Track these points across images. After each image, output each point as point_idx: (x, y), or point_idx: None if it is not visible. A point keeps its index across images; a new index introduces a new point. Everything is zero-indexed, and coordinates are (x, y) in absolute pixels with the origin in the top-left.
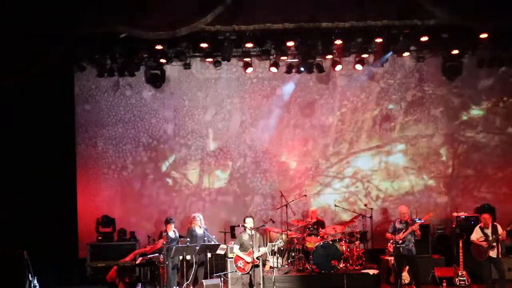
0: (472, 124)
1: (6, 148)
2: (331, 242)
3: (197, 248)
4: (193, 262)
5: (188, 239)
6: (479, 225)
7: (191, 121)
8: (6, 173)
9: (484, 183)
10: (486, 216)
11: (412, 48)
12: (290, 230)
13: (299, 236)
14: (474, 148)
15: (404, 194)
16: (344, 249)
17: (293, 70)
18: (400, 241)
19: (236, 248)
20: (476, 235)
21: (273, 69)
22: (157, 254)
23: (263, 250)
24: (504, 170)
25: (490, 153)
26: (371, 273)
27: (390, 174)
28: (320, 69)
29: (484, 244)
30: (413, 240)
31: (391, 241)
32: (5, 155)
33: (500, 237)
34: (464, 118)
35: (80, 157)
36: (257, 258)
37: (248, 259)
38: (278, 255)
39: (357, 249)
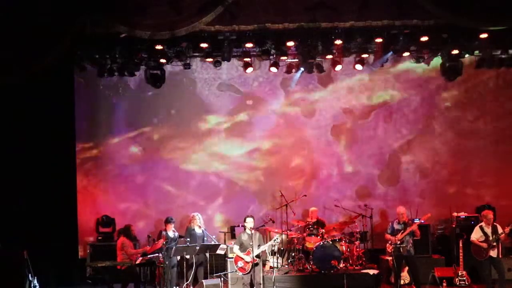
0: (472, 124)
1: (6, 148)
2: (331, 242)
3: (197, 248)
4: (193, 262)
5: (188, 239)
6: (480, 224)
7: (191, 120)
8: (6, 173)
9: (484, 182)
10: (488, 212)
11: (412, 48)
12: (290, 230)
13: (299, 236)
14: (474, 148)
15: (404, 194)
16: (344, 249)
17: (293, 70)
18: (399, 242)
19: (236, 248)
20: (476, 235)
21: (273, 69)
22: (157, 254)
23: (263, 247)
24: (504, 170)
25: (490, 153)
26: (371, 273)
27: (391, 174)
28: (320, 69)
29: (484, 245)
30: (411, 241)
31: (389, 242)
32: (5, 155)
33: (502, 235)
34: (464, 117)
35: (80, 157)
36: (257, 256)
37: (248, 259)
38: (278, 255)
39: (357, 249)
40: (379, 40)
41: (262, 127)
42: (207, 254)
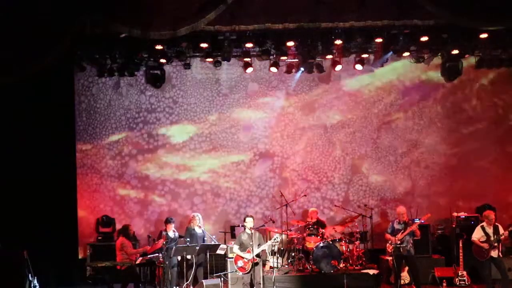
0: (472, 124)
1: (6, 148)
2: (331, 242)
3: (197, 248)
4: (193, 262)
5: (188, 239)
6: (481, 224)
7: (191, 121)
8: (6, 173)
9: (484, 183)
10: (490, 212)
11: (412, 48)
12: (290, 230)
13: (299, 236)
14: (474, 148)
15: (404, 194)
16: (344, 249)
17: (293, 70)
18: (399, 242)
19: (235, 248)
20: (477, 235)
21: (273, 69)
22: (157, 254)
23: (263, 247)
24: (504, 170)
25: (490, 153)
26: (371, 273)
27: (390, 174)
28: (320, 69)
29: (485, 245)
30: (411, 241)
31: (390, 241)
32: (5, 155)
33: (502, 237)
34: (464, 118)
35: (80, 157)
36: (256, 255)
37: (248, 257)
38: (278, 255)
39: (357, 249)
40: (379, 40)
41: (262, 127)
42: (207, 254)
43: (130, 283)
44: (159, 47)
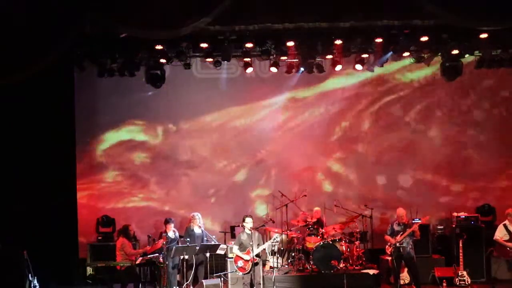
0: (472, 124)
1: (6, 147)
2: (331, 242)
3: (197, 248)
4: (193, 262)
5: (188, 239)
6: (503, 222)
7: (191, 121)
8: (6, 173)
9: (484, 183)
10: None
11: (412, 48)
12: (290, 230)
13: (299, 236)
14: (474, 148)
15: (404, 194)
16: (344, 249)
17: (293, 70)
18: (398, 244)
19: (235, 248)
20: (500, 234)
21: (273, 69)
22: (157, 254)
23: (262, 246)
24: (505, 170)
25: (490, 153)
26: (371, 273)
27: (390, 174)
28: (320, 69)
29: (510, 244)
30: (411, 242)
31: (389, 243)
32: (5, 155)
33: None
34: (464, 118)
35: (80, 157)
36: (256, 255)
37: (247, 258)
38: (278, 255)
39: (357, 249)
40: (379, 40)
41: (262, 127)
42: (207, 254)
43: (130, 283)
44: (159, 47)
